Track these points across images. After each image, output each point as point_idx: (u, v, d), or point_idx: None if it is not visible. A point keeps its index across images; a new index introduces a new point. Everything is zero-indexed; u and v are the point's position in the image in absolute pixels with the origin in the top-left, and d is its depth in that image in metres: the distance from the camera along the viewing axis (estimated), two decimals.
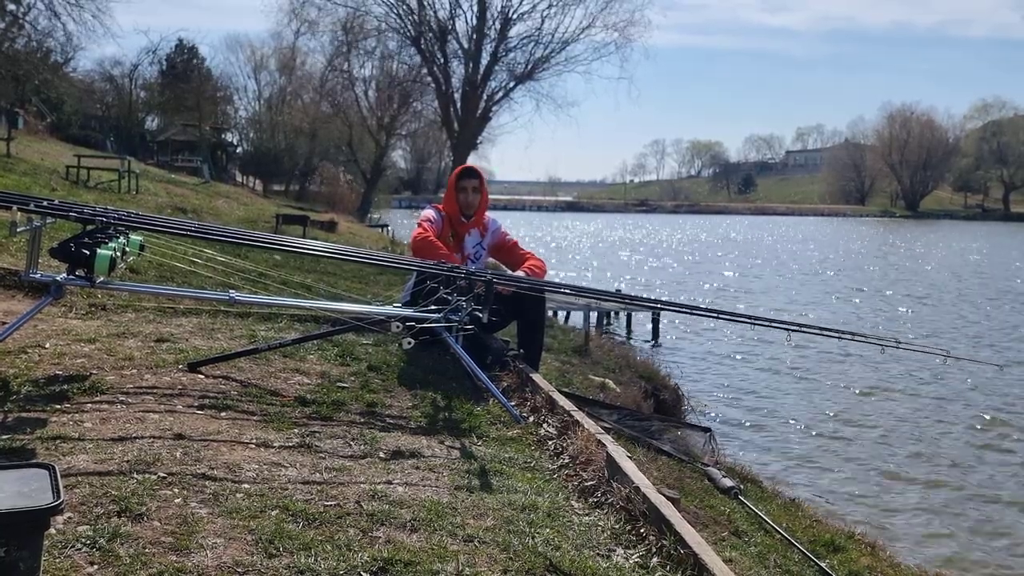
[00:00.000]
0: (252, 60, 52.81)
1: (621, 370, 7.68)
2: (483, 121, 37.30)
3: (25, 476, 1.83)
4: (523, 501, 2.81)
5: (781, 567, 3.29)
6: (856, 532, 4.74)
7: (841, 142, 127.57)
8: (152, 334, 4.51)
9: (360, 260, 4.57)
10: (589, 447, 3.33)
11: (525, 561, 2.34)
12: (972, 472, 8.32)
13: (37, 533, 1.74)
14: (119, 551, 2.10)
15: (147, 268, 5.94)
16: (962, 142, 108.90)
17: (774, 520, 3.91)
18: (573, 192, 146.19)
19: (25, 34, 26.84)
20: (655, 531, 2.64)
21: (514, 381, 4.43)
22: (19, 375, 3.47)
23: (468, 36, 36.14)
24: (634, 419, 4.97)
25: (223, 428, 3.19)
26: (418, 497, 2.73)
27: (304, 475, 2.80)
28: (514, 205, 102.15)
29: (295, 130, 44.54)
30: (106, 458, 2.71)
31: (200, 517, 2.35)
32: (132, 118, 45.95)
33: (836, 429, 9.74)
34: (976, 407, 10.90)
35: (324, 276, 7.60)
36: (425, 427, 3.57)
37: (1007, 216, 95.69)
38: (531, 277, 4.83)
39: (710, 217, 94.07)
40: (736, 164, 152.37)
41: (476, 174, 5.07)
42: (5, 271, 5.33)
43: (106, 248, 3.42)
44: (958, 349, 13.34)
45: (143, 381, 3.67)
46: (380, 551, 2.27)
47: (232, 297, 3.97)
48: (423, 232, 4.80)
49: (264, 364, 4.19)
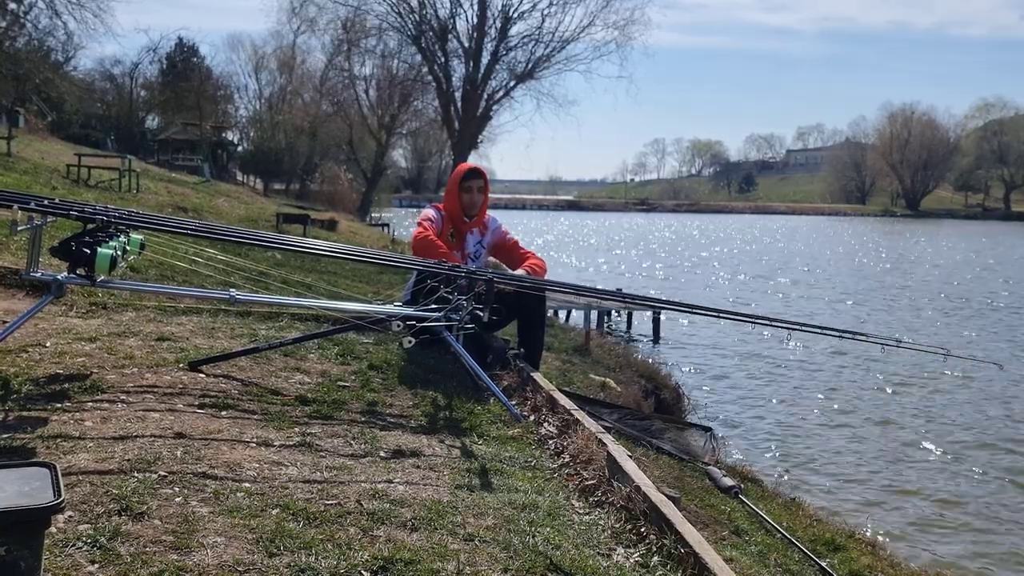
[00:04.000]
0: (253, 59, 52.88)
1: (621, 369, 7.68)
2: (484, 120, 37.33)
3: (26, 475, 1.83)
4: (524, 500, 2.81)
5: (781, 566, 3.29)
6: (856, 531, 4.74)
7: (842, 141, 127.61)
8: (153, 333, 4.51)
9: (361, 259, 4.57)
10: (590, 446, 3.33)
11: (526, 560, 2.34)
12: (973, 472, 8.32)
13: (38, 532, 1.74)
14: (120, 550, 2.10)
15: (148, 267, 5.94)
16: (963, 141, 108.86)
17: (774, 519, 3.91)
18: (574, 191, 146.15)
19: (26, 33, 26.90)
20: (656, 530, 2.64)
21: (515, 380, 4.43)
22: (20, 374, 3.47)
23: (469, 35, 36.21)
24: (634, 418, 4.97)
25: (224, 427, 3.19)
26: (419, 496, 2.73)
27: (305, 474, 2.80)
28: (514, 204, 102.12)
29: (296, 129, 44.53)
30: (107, 457, 2.71)
31: (201, 516, 2.35)
32: (132, 117, 45.97)
33: (837, 428, 9.74)
34: (978, 407, 10.90)
35: (325, 275, 7.60)
36: (426, 426, 3.57)
37: (1008, 215, 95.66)
38: (531, 276, 4.83)
39: (711, 216, 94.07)
40: (737, 163, 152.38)
41: (481, 175, 5.06)
42: (6, 270, 5.33)
43: (107, 247, 3.42)
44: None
45: (144, 380, 3.67)
46: (381, 550, 2.27)
47: (233, 296, 3.97)
48: (423, 231, 4.80)
49: (265, 363, 4.19)
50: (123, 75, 46.05)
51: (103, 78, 46.54)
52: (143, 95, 47.10)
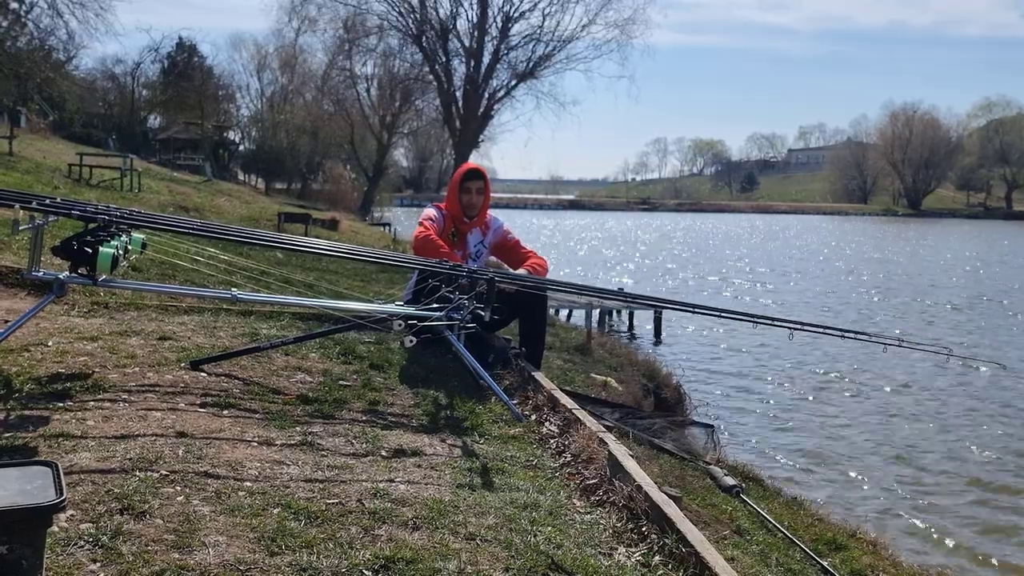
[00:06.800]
0: (255, 58, 52.88)
1: (623, 368, 7.67)
2: (485, 119, 37.33)
3: (28, 474, 1.84)
4: (525, 499, 2.81)
5: (783, 565, 3.29)
6: (858, 530, 4.73)
7: (843, 141, 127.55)
8: (154, 332, 4.51)
9: (362, 258, 4.57)
10: (591, 445, 3.33)
11: (527, 559, 2.34)
12: (975, 471, 8.31)
13: (40, 531, 1.74)
14: (121, 549, 2.10)
15: (149, 266, 5.94)
16: (965, 141, 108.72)
17: (776, 518, 3.91)
18: (575, 191, 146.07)
19: (28, 32, 26.90)
20: (657, 529, 2.64)
21: (516, 380, 4.43)
22: (21, 373, 3.47)
23: (469, 34, 36.22)
24: (636, 417, 4.97)
25: (225, 426, 3.19)
26: (420, 495, 2.73)
27: (306, 473, 2.80)
28: (516, 204, 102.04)
29: (297, 128, 44.52)
30: (108, 456, 2.71)
31: (202, 515, 2.36)
32: (134, 116, 45.96)
33: (838, 428, 9.73)
34: (979, 406, 10.89)
35: (326, 274, 7.59)
36: (427, 425, 3.57)
37: (1009, 215, 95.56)
38: (533, 275, 4.83)
39: (712, 216, 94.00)
40: (738, 162, 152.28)
41: (481, 175, 5.06)
42: (8, 269, 5.34)
43: (108, 246, 3.43)
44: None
45: (145, 379, 3.67)
46: (382, 549, 2.27)
47: (234, 295, 3.98)
48: (424, 231, 4.80)
49: (266, 362, 4.19)
50: (125, 74, 46.09)
51: (105, 77, 46.58)
52: (145, 94, 47.09)
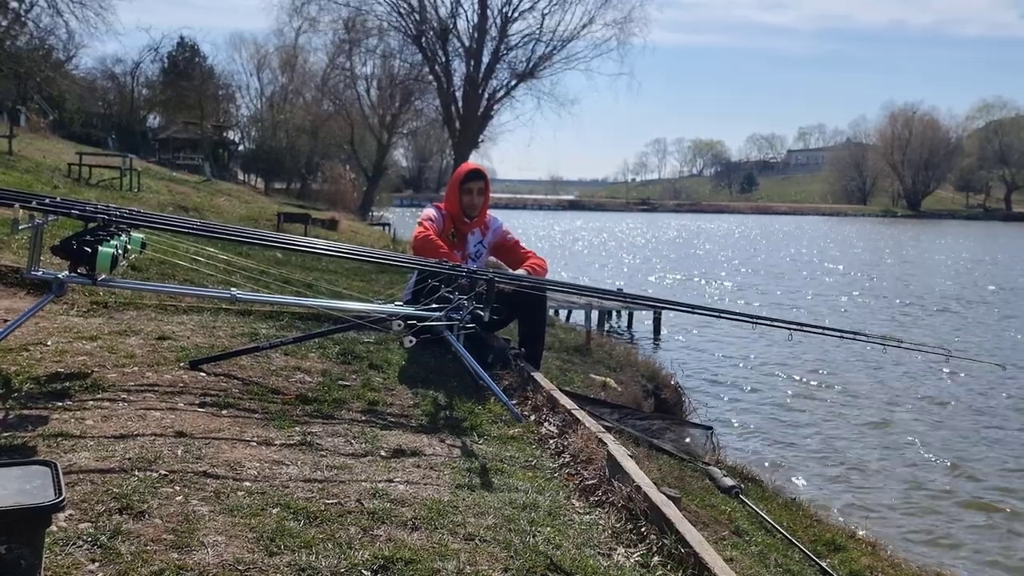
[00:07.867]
0: (255, 58, 52.85)
1: (622, 369, 7.68)
2: (485, 119, 37.31)
3: (27, 473, 1.84)
4: (524, 500, 2.81)
5: (782, 566, 3.29)
6: (857, 532, 4.74)
7: (843, 141, 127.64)
8: (153, 332, 4.51)
9: (361, 258, 4.57)
10: (590, 446, 3.33)
11: (526, 560, 2.34)
12: (974, 471, 8.31)
13: (38, 530, 1.74)
14: (120, 548, 2.10)
15: (149, 266, 5.94)
16: (964, 142, 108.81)
17: (775, 519, 3.91)
18: (575, 191, 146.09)
19: (27, 32, 26.90)
20: (656, 530, 2.64)
21: (515, 380, 4.43)
22: (20, 373, 3.47)
23: (469, 34, 36.20)
24: (635, 418, 4.97)
25: (224, 426, 3.19)
26: (419, 495, 2.73)
27: (305, 473, 2.80)
28: (515, 204, 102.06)
29: (297, 128, 44.54)
30: (107, 456, 2.71)
31: (201, 515, 2.36)
32: (134, 116, 45.99)
33: (838, 429, 9.74)
34: (979, 407, 10.89)
35: (325, 274, 7.59)
36: (426, 425, 3.57)
37: (1009, 216, 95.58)
38: (532, 276, 4.83)
39: (712, 216, 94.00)
40: (738, 163, 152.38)
41: (482, 176, 5.05)
42: (7, 269, 5.34)
43: (108, 246, 3.42)
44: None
45: (144, 379, 3.67)
46: (381, 549, 2.27)
47: (234, 295, 3.97)
48: (424, 231, 4.79)
49: (265, 362, 4.19)
50: (124, 74, 46.16)
51: (104, 77, 46.62)
52: (144, 94, 47.12)
